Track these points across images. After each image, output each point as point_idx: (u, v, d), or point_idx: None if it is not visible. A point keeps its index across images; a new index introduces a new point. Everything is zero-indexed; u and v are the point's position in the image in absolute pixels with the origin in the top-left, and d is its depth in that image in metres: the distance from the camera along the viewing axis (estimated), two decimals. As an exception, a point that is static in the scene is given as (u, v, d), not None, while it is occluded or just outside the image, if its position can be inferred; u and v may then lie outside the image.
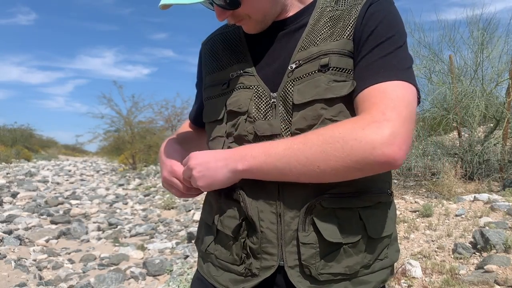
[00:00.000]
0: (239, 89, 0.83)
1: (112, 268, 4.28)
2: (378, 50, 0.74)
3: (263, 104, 0.80)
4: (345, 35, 0.77)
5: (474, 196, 4.31)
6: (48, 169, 16.28)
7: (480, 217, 3.72)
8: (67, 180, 12.89)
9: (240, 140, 0.82)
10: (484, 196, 4.26)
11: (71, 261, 4.56)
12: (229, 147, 0.83)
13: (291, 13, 0.86)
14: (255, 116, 0.80)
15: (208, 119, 0.91)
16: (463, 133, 6.15)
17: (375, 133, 0.66)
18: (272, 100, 0.79)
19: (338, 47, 0.77)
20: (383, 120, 0.67)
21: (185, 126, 1.12)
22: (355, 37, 0.77)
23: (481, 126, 6.32)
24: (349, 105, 0.76)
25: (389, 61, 0.73)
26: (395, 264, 2.92)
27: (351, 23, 0.78)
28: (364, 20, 0.77)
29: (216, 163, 0.76)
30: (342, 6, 0.81)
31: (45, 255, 4.61)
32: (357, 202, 0.77)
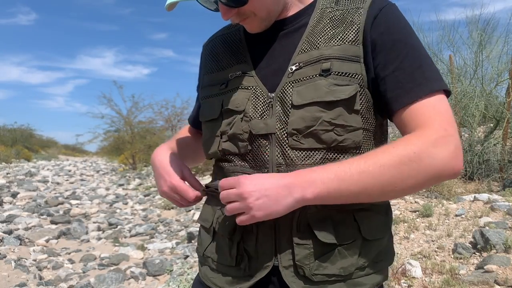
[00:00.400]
0: (237, 89, 0.83)
1: (112, 268, 4.28)
2: (409, 61, 0.75)
3: (261, 104, 0.80)
4: (348, 39, 0.77)
5: (474, 196, 4.31)
6: (48, 169, 16.29)
7: (480, 217, 3.72)
8: (67, 180, 12.89)
9: (234, 139, 0.81)
10: (484, 196, 4.26)
11: (71, 261, 4.55)
12: (223, 148, 0.83)
13: (291, 12, 0.85)
14: (251, 115, 0.79)
15: (205, 118, 0.90)
16: (463, 133, 6.15)
17: (445, 149, 0.69)
18: (270, 100, 0.79)
19: (340, 52, 0.76)
20: (448, 136, 0.70)
21: (183, 132, 1.12)
22: (367, 43, 0.76)
23: (481, 126, 6.32)
24: (349, 108, 0.74)
25: (425, 72, 0.74)
26: (395, 264, 2.92)
27: (355, 27, 0.77)
28: (376, 26, 0.76)
29: (277, 190, 0.68)
30: (342, 6, 0.81)
31: (45, 255, 4.61)
32: (352, 204, 0.76)
